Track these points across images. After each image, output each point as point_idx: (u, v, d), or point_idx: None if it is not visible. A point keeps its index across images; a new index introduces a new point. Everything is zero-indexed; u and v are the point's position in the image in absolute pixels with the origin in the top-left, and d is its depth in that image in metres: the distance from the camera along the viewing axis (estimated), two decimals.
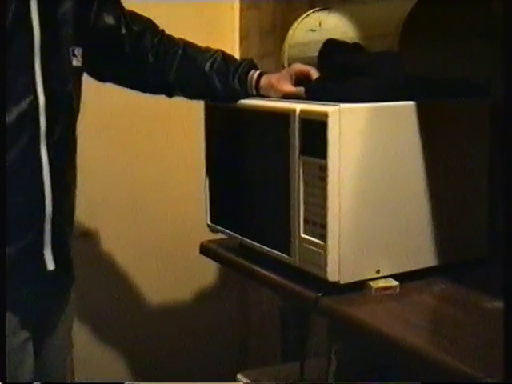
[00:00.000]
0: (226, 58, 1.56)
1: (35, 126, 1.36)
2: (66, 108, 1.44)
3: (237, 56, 1.62)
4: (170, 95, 1.62)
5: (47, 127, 1.37)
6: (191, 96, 1.61)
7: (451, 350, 1.04)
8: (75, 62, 1.44)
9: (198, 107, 1.61)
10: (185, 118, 2.08)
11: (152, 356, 2.31)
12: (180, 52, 1.56)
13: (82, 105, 1.49)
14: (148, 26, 1.59)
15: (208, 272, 2.33)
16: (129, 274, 2.27)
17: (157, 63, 1.56)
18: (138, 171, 2.24)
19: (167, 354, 2.33)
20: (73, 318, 1.56)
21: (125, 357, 2.30)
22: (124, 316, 2.25)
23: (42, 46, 1.36)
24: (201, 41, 1.59)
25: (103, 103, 2.03)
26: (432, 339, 1.14)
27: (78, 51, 1.45)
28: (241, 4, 2.27)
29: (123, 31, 1.54)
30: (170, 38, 1.59)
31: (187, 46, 1.58)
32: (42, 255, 1.39)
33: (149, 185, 2.25)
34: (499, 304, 1.20)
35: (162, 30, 1.60)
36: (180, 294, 2.34)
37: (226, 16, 2.25)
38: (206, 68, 1.53)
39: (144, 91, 1.62)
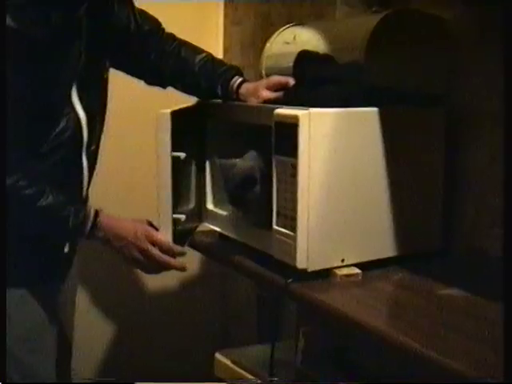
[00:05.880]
0: (215, 61, 1.54)
1: (79, 140, 1.35)
2: (100, 119, 1.42)
3: None
4: (163, 87, 1.58)
5: (88, 139, 1.37)
6: (181, 91, 1.57)
7: (407, 331, 1.05)
8: (106, 75, 1.41)
9: None
10: None
11: (144, 334, 2.34)
12: (176, 52, 1.53)
13: None
14: (155, 26, 1.54)
15: (193, 262, 2.33)
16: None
17: (155, 62, 1.52)
18: (131, 167, 2.22)
19: (157, 333, 2.35)
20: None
21: (118, 329, 2.34)
22: (121, 301, 2.29)
23: (84, 67, 1.32)
24: None
25: None
26: (390, 321, 1.16)
27: (107, 63, 1.41)
28: (225, 20, 2.30)
29: (132, 29, 1.48)
30: (169, 37, 1.56)
31: (182, 45, 1.55)
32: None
33: (139, 183, 2.22)
34: (450, 291, 1.22)
35: (163, 29, 1.56)
36: (168, 281, 2.34)
37: (211, 31, 2.27)
38: (196, 69, 1.52)
39: (139, 79, 1.57)
